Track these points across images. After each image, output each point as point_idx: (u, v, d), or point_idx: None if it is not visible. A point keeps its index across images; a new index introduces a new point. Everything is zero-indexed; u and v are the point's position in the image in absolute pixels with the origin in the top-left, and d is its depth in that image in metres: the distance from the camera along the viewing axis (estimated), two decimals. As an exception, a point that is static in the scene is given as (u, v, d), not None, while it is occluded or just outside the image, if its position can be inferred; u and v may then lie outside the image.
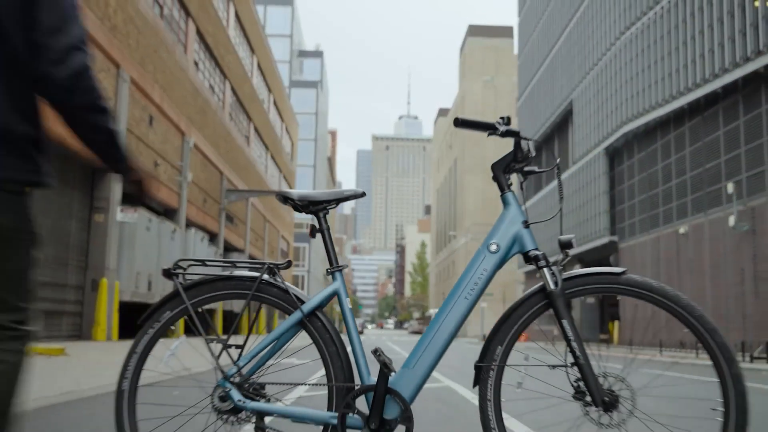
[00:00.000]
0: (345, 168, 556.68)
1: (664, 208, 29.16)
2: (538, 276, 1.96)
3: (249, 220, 33.10)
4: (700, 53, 25.34)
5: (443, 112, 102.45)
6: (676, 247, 27.60)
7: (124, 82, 15.19)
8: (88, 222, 14.60)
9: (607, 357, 2.08)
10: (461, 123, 2.03)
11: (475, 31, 78.56)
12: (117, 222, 14.95)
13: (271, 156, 41.45)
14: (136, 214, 15.06)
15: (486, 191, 72.76)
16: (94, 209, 14.71)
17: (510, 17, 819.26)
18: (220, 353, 1.98)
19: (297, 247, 66.14)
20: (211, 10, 24.74)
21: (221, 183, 26.51)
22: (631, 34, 31.75)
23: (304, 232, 65.16)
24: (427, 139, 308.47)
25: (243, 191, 29.22)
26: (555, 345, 2.04)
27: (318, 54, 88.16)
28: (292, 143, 53.38)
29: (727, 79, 23.44)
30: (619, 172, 34.37)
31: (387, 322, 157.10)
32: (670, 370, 11.86)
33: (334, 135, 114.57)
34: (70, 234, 13.83)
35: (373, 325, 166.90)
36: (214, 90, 25.91)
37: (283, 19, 73.73)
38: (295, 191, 2.07)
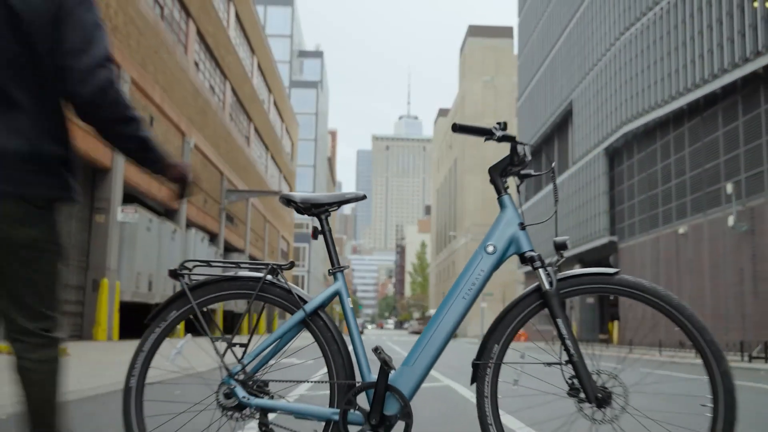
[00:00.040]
0: (345, 168, 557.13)
1: (663, 208, 29.18)
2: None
3: (249, 221, 33.15)
4: (699, 54, 25.37)
5: (443, 112, 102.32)
6: (675, 247, 27.62)
7: (125, 82, 15.26)
8: (88, 222, 14.65)
9: (600, 356, 2.14)
10: (459, 128, 2.10)
11: (475, 32, 78.49)
12: (118, 222, 14.99)
13: (271, 156, 41.48)
14: (136, 214, 15.10)
15: (486, 191, 72.66)
16: (94, 210, 14.75)
17: (510, 17, 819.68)
18: (225, 352, 2.03)
19: (297, 248, 66.17)
20: (211, 10, 24.78)
21: (221, 183, 26.56)
22: (631, 35, 31.78)
23: (304, 232, 65.21)
24: (427, 139, 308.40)
25: (243, 191, 29.26)
26: (553, 344, 2.09)
27: (318, 54, 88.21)
28: (292, 143, 53.42)
29: (726, 79, 23.47)
30: (618, 173, 34.39)
31: (387, 323, 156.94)
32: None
33: (334, 135, 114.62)
34: (71, 234, 13.87)
35: (373, 326, 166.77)
36: (214, 90, 25.96)
37: (283, 19, 73.79)
38: (298, 194, 2.12)
